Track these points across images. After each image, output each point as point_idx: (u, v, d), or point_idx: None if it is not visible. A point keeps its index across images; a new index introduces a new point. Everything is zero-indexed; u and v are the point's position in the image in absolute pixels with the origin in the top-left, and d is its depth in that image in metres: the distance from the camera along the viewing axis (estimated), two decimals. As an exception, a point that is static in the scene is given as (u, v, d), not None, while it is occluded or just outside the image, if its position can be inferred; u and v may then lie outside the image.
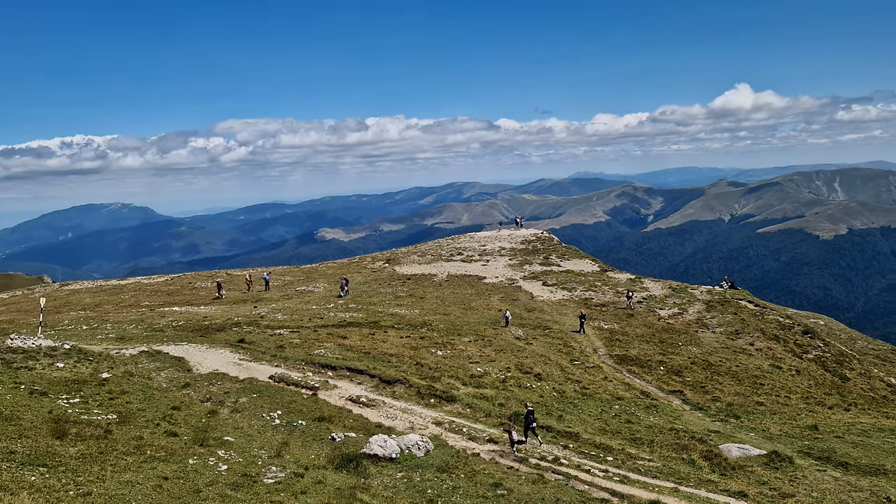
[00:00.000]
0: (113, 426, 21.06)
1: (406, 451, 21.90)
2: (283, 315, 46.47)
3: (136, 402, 24.67)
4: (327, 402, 28.00)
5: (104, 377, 27.32)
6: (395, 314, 48.03)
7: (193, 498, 15.75)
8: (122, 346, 34.41)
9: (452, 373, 34.39)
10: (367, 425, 25.64)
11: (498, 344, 41.64)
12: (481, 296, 56.75)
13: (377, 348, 36.96)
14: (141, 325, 42.61)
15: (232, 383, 29.02)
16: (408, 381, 31.49)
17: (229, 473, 18.13)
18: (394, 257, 76.44)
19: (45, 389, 24.57)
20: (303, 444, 23.06)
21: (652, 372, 40.84)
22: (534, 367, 37.81)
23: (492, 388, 33.05)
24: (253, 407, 26.37)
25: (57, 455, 17.26)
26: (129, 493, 15.30)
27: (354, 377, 31.75)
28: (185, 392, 27.51)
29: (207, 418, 24.08)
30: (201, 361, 32.04)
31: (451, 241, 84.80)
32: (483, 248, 76.31)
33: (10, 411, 20.90)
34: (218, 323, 42.66)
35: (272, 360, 33.14)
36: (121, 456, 18.10)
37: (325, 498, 16.93)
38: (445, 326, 44.54)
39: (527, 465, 23.05)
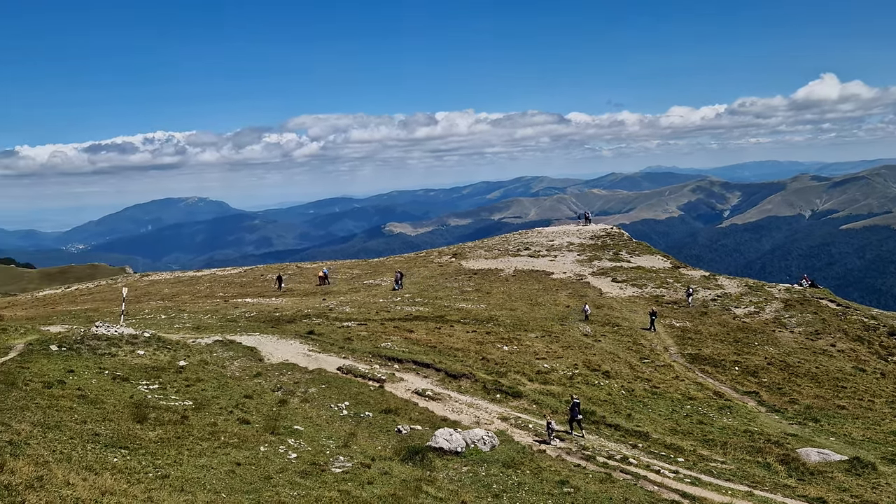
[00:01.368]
0: (189, 412, 21.80)
1: (471, 445, 21.85)
2: (351, 308, 47.16)
3: (210, 390, 25.49)
4: (393, 394, 28.25)
5: (181, 365, 28.35)
6: (461, 309, 48.07)
7: (264, 484, 16.12)
8: (198, 335, 35.62)
9: (518, 368, 34.16)
10: (433, 418, 25.73)
11: (565, 340, 41.12)
12: (548, 291, 56.19)
13: (443, 342, 37.06)
14: (215, 316, 44.01)
15: (301, 374, 29.64)
16: (473, 375, 31.44)
17: (298, 461, 18.49)
18: (460, 252, 76.53)
19: (127, 375, 25.68)
20: (369, 435, 23.33)
21: (726, 372, 39.54)
22: (602, 365, 37.17)
23: (558, 384, 32.66)
24: (321, 397, 26.85)
25: (137, 438, 17.97)
26: (205, 478, 15.78)
27: (420, 370, 31.92)
28: (256, 381, 28.25)
29: (278, 407, 24.64)
30: (272, 352, 32.85)
31: (518, 235, 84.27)
32: (551, 244, 75.52)
33: (95, 395, 21.92)
34: (288, 314, 43.64)
35: (340, 352, 33.67)
36: (196, 441, 18.71)
37: (392, 489, 17.05)
38: (512, 322, 44.29)
39: (594, 463, 22.67)
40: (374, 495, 16.39)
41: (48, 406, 19.30)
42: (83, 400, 21.00)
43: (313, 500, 15.31)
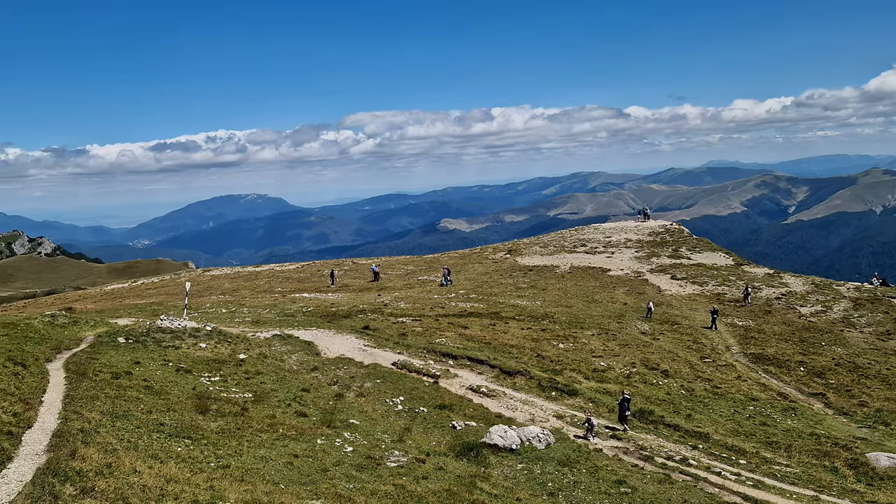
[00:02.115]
0: (249, 404, 22.29)
1: (526, 442, 21.71)
2: (406, 304, 47.44)
3: (269, 383, 26.00)
4: (448, 390, 28.28)
5: (241, 358, 29.01)
6: (515, 305, 47.80)
7: (321, 476, 16.33)
8: (257, 329, 36.39)
9: (574, 366, 33.77)
10: (488, 415, 25.66)
11: (622, 338, 40.45)
12: (605, 288, 55.37)
13: (498, 339, 36.91)
14: (274, 310, 44.89)
15: (357, 368, 29.96)
16: (528, 372, 31.23)
17: (354, 455, 18.68)
18: (515, 248, 76.11)
19: (190, 367, 26.42)
20: (424, 430, 23.42)
21: (791, 373, 38.24)
22: (660, 364, 36.41)
23: (615, 383, 32.15)
24: (377, 392, 27.09)
25: (200, 429, 18.46)
26: (264, 468, 16.09)
27: (475, 367, 31.87)
28: (313, 375, 28.69)
29: (334, 401, 24.97)
30: (329, 346, 33.31)
31: (574, 232, 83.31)
32: (608, 240, 74.40)
33: (160, 386, 22.62)
34: (344, 310, 44.18)
35: (395, 347, 33.90)
36: (256, 433, 19.10)
37: (446, 484, 17.06)
38: (567, 319, 43.82)
39: (652, 463, 22.23)
40: (429, 490, 16.42)
41: (116, 396, 20.00)
42: (149, 391, 21.69)
43: (369, 494, 15.44)
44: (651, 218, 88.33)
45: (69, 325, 33.94)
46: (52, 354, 25.62)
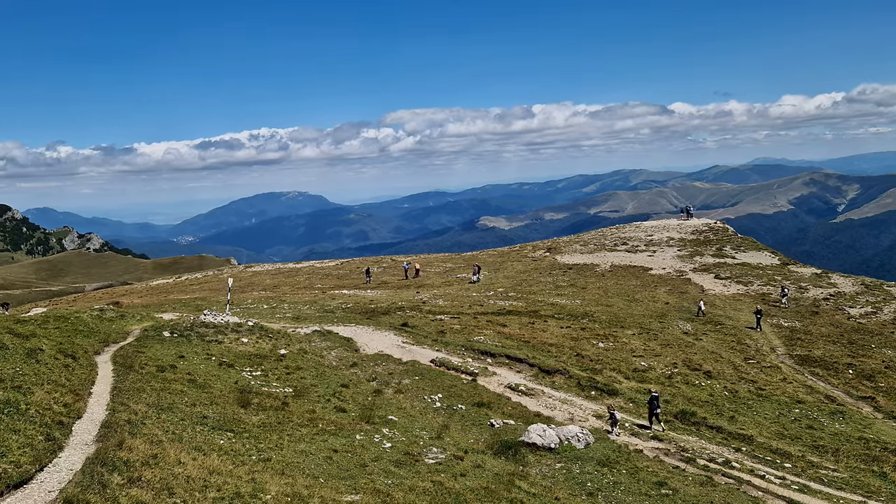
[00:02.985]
0: (289, 399, 22.57)
1: (565, 442, 21.53)
2: (444, 301, 47.49)
3: (309, 378, 26.29)
4: (486, 388, 28.22)
5: (282, 353, 29.40)
6: (555, 304, 47.47)
7: (360, 471, 16.44)
8: (298, 324, 36.83)
9: (614, 366, 33.39)
10: (526, 414, 25.53)
11: (664, 338, 39.85)
12: (647, 287, 54.62)
13: (536, 337, 36.70)
14: (314, 306, 45.38)
15: (396, 365, 30.09)
16: (568, 371, 30.98)
17: (393, 451, 18.76)
18: (555, 246, 75.59)
19: (232, 362, 26.87)
20: (462, 427, 23.41)
21: (839, 375, 37.18)
22: (703, 364, 35.77)
23: (656, 383, 31.67)
24: (415, 389, 27.17)
25: (241, 422, 18.75)
26: (304, 462, 16.26)
27: (513, 365, 31.75)
28: (352, 371, 28.92)
29: (373, 397, 25.13)
30: (368, 342, 33.54)
31: (615, 230, 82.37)
32: (650, 238, 73.38)
33: (203, 380, 23.05)
34: (383, 307, 44.42)
35: (433, 345, 33.95)
36: (296, 427, 19.33)
37: (484, 482, 17.02)
38: (608, 318, 43.35)
39: (694, 465, 21.84)
40: (467, 487, 16.40)
41: (161, 389, 20.44)
42: (192, 384, 22.12)
43: (407, 490, 15.48)
44: (694, 216, 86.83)
45: (116, 319, 34.81)
46: (100, 347, 26.31)
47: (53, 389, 16.64)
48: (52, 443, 12.71)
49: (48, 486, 10.91)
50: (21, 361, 18.54)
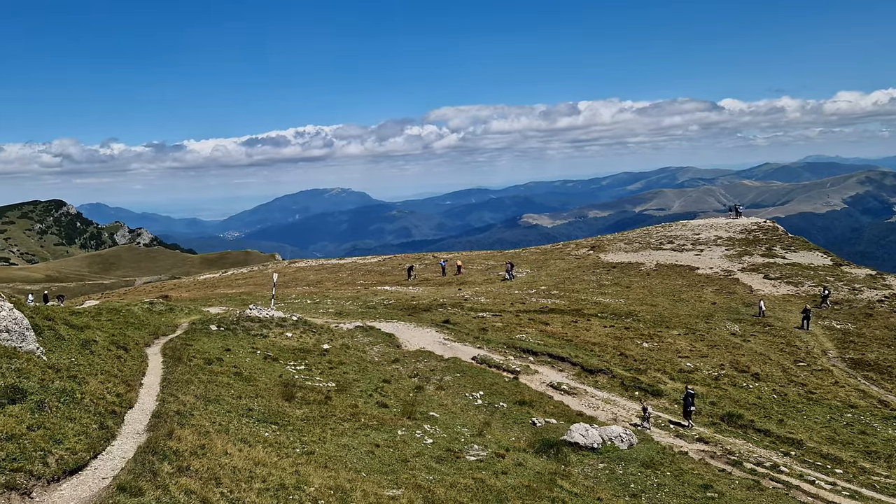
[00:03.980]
0: (332, 393, 22.82)
1: (608, 442, 21.30)
2: (486, 298, 47.41)
3: (351, 373, 26.54)
4: (528, 386, 28.10)
5: (325, 348, 29.74)
6: (598, 303, 46.98)
7: (402, 467, 16.52)
8: (340, 320, 37.21)
9: (659, 366, 32.89)
10: (568, 413, 25.34)
11: (710, 339, 39.10)
12: (693, 287, 53.63)
13: (579, 336, 36.38)
14: (356, 302, 45.78)
15: (437, 361, 30.17)
16: (611, 371, 30.64)
17: (434, 447, 18.81)
18: (599, 244, 74.78)
19: (277, 356, 27.29)
20: (503, 425, 23.35)
21: (893, 379, 35.96)
22: (751, 366, 34.98)
23: (702, 384, 31.11)
24: (456, 385, 27.20)
25: (286, 415, 19.02)
26: (346, 456, 16.42)
27: (555, 364, 31.53)
28: (394, 367, 29.09)
29: (415, 393, 25.23)
30: (409, 339, 33.69)
31: (660, 228, 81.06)
32: (696, 237, 72.02)
33: (249, 373, 23.46)
34: (425, 303, 44.57)
35: (475, 342, 33.93)
36: (339, 421, 19.53)
37: (526, 480, 16.94)
38: (652, 317, 42.71)
39: (741, 469, 21.41)
40: (509, 485, 16.34)
41: (208, 381, 20.86)
42: (238, 377, 22.53)
43: (448, 486, 15.50)
44: (743, 215, 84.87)
45: (166, 312, 35.68)
46: (150, 339, 26.99)
47: (107, 379, 17.11)
48: (105, 431, 13.08)
49: (102, 472, 11.23)
50: (76, 352, 19.13)
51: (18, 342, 15.85)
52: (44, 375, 14.31)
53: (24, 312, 17.93)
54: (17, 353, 14.94)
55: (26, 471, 9.89)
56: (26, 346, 16.07)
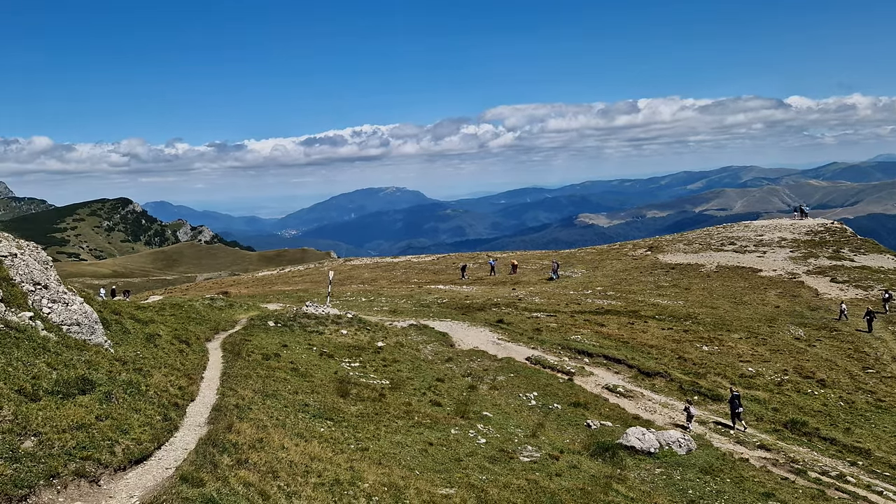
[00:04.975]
0: (386, 391, 22.99)
1: (665, 446, 20.86)
2: (541, 299, 47.05)
3: (405, 371, 26.69)
4: (583, 388, 27.75)
5: (379, 346, 29.99)
6: (656, 304, 46.07)
7: (455, 465, 16.53)
8: (394, 318, 37.47)
9: (719, 370, 32.04)
10: (624, 416, 24.93)
11: (773, 343, 37.88)
12: (755, 290, 52.07)
13: (636, 338, 35.74)
14: (410, 300, 46.03)
15: (490, 361, 30.07)
16: (669, 374, 30.00)
17: (487, 447, 18.75)
18: (657, 245, 73.35)
19: (332, 352, 27.66)
20: (558, 427, 23.12)
21: (972, 390, 34.16)
22: (816, 372, 33.72)
23: (765, 390, 30.17)
24: (510, 386, 27.06)
25: (340, 411, 19.26)
26: (400, 454, 16.51)
27: (611, 366, 31.06)
28: (447, 366, 29.12)
29: (468, 392, 25.21)
30: (463, 338, 33.68)
31: (721, 229, 78.99)
32: (759, 239, 69.91)
33: (305, 369, 23.84)
34: (478, 303, 44.50)
35: (529, 342, 33.70)
36: (392, 419, 19.66)
37: (580, 483, 16.73)
38: (712, 320, 41.64)
39: (804, 477, 20.66)
40: (563, 488, 16.17)
41: (266, 376, 21.29)
42: (295, 372, 22.92)
43: (502, 486, 15.42)
44: (809, 216, 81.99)
45: (225, 308, 36.60)
46: (211, 334, 27.73)
47: (170, 373, 17.64)
48: (168, 423, 13.47)
49: (165, 463, 11.57)
50: (141, 345, 19.78)
51: (88, 335, 16.48)
52: (111, 368, 14.83)
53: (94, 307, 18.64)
54: (86, 346, 15.53)
55: (95, 459, 10.26)
56: (95, 339, 16.69)
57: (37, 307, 15.60)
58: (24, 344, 12.93)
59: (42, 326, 14.62)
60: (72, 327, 16.08)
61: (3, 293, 14.33)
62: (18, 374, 11.49)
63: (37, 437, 9.91)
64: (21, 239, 17.70)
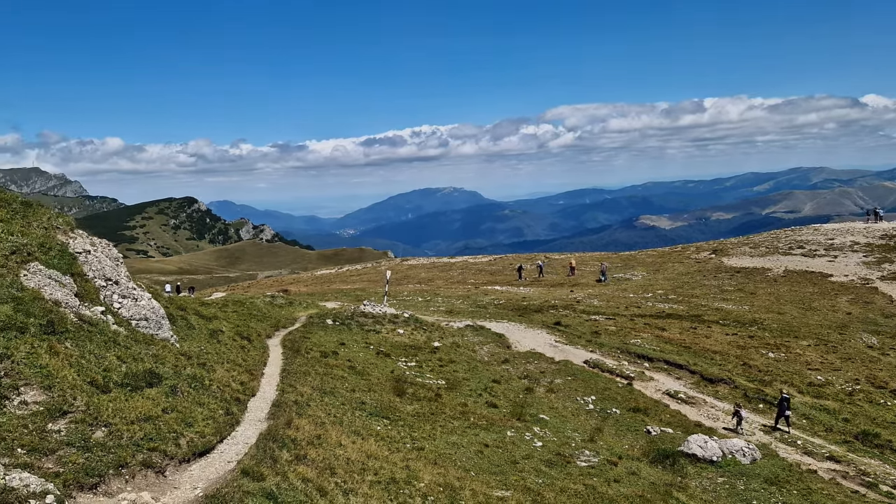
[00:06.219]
0: (442, 391, 23.01)
1: (729, 455, 20.24)
2: (599, 301, 46.36)
3: (461, 372, 26.66)
4: (643, 393, 27.19)
5: (435, 346, 30.05)
6: (719, 309, 44.81)
7: (511, 468, 16.41)
8: (451, 318, 37.49)
9: (786, 378, 30.92)
10: (685, 423, 24.30)
11: (844, 351, 36.35)
12: (825, 295, 50.10)
13: (698, 343, 34.84)
14: (466, 301, 45.99)
15: (547, 364, 29.76)
16: (733, 381, 29.12)
17: (543, 450, 18.55)
18: (721, 248, 71.38)
19: (389, 351, 27.86)
20: (616, 432, 22.71)
21: None
22: (890, 382, 32.19)
23: (835, 400, 28.97)
24: (567, 389, 26.72)
25: (397, 410, 19.37)
26: (455, 454, 16.49)
27: (672, 371, 30.35)
28: (504, 367, 28.96)
29: (524, 395, 25.02)
30: (519, 340, 33.45)
31: (790, 232, 76.33)
32: (830, 242, 67.26)
33: (362, 367, 24.08)
34: (536, 304, 44.14)
35: (587, 345, 33.23)
36: (448, 419, 19.66)
37: (639, 490, 16.37)
38: (779, 326, 40.24)
39: (876, 491, 19.74)
40: (621, 494, 15.86)
41: (324, 373, 21.59)
42: (352, 370, 23.18)
43: (558, 491, 15.23)
44: (883, 219, 78.43)
45: (285, 306, 37.31)
46: (271, 331, 28.30)
47: (232, 368, 18.07)
48: (230, 417, 13.79)
49: (227, 456, 11.84)
50: (205, 341, 20.32)
51: (155, 330, 17.02)
52: (177, 362, 15.27)
53: (161, 302, 19.24)
54: (153, 340, 16.04)
55: (161, 451, 10.57)
56: (162, 334, 17.22)
57: (108, 302, 16.19)
58: (95, 337, 13.42)
59: (112, 321, 15.16)
60: (140, 322, 16.63)
61: (77, 288, 14.92)
62: (91, 367, 11.94)
63: (107, 427, 10.27)
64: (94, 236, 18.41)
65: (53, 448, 9.14)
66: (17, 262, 13.81)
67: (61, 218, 17.54)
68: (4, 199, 16.46)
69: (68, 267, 15.24)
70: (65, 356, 11.56)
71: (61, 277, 14.50)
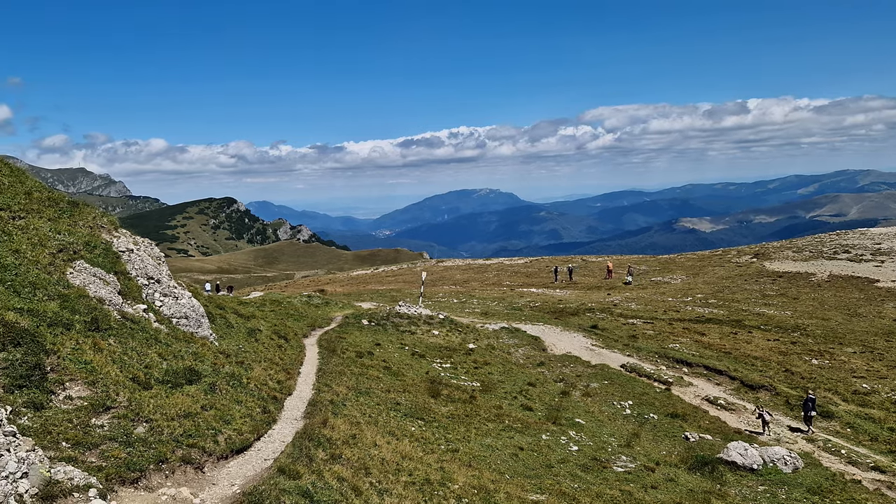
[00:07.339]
0: (476, 393, 22.95)
1: (770, 463, 19.79)
2: (637, 305, 45.79)
3: (496, 374, 26.56)
4: (681, 398, 26.75)
5: (470, 347, 30.00)
6: (761, 314, 43.88)
7: (546, 472, 16.28)
8: (486, 320, 37.39)
9: (829, 385, 30.12)
10: (725, 429, 23.84)
11: (891, 359, 35.25)
12: (871, 301, 48.70)
13: (739, 349, 34.15)
14: (502, 303, 45.83)
15: (584, 367, 29.49)
16: (774, 388, 28.47)
17: (579, 455, 18.38)
18: (763, 252, 69.93)
19: (423, 352, 27.89)
20: (653, 438, 22.38)
21: None
22: (940, 392, 31.15)
23: (880, 408, 28.09)
24: (604, 393, 26.44)
25: (431, 411, 19.37)
26: (490, 457, 16.43)
27: (712, 377, 29.80)
28: (539, 370, 28.77)
29: (560, 398, 24.81)
30: (555, 343, 33.21)
31: (835, 236, 74.43)
32: (877, 247, 65.39)
33: (397, 368, 24.15)
34: (572, 307, 43.78)
35: (624, 349, 32.84)
36: (483, 421, 19.60)
37: (677, 497, 16.10)
38: (823, 332, 39.23)
39: (926, 506, 19.08)
40: (658, 501, 15.62)
41: (359, 374, 21.71)
42: (387, 371, 23.26)
43: (594, 496, 15.07)
44: (933, 222, 75.93)
45: (322, 306, 37.63)
46: (308, 331, 28.57)
47: (269, 367, 18.28)
48: (267, 415, 13.95)
49: (264, 454, 11.97)
50: (243, 339, 20.60)
51: (195, 328, 17.30)
52: (216, 360, 15.50)
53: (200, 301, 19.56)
54: (193, 338, 16.31)
55: (200, 447, 10.74)
56: (201, 332, 17.50)
57: (150, 300, 16.52)
58: (138, 335, 13.70)
59: (154, 318, 15.47)
60: (181, 320, 16.93)
61: (120, 286, 15.26)
62: (133, 363, 12.19)
63: (148, 423, 10.47)
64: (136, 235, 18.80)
65: (97, 442, 9.35)
66: (63, 259, 14.17)
67: (106, 217, 17.95)
68: (52, 198, 16.90)
69: (112, 265, 15.59)
70: (108, 353, 11.82)
71: (105, 275, 14.83)
